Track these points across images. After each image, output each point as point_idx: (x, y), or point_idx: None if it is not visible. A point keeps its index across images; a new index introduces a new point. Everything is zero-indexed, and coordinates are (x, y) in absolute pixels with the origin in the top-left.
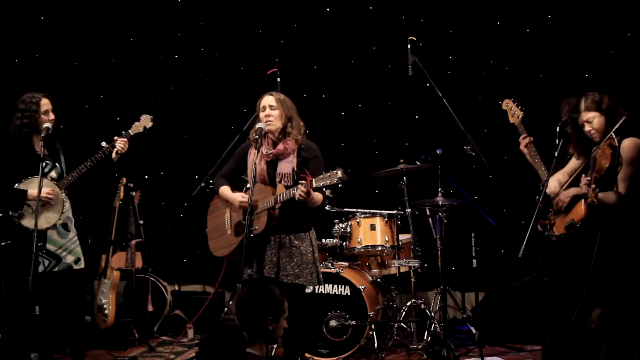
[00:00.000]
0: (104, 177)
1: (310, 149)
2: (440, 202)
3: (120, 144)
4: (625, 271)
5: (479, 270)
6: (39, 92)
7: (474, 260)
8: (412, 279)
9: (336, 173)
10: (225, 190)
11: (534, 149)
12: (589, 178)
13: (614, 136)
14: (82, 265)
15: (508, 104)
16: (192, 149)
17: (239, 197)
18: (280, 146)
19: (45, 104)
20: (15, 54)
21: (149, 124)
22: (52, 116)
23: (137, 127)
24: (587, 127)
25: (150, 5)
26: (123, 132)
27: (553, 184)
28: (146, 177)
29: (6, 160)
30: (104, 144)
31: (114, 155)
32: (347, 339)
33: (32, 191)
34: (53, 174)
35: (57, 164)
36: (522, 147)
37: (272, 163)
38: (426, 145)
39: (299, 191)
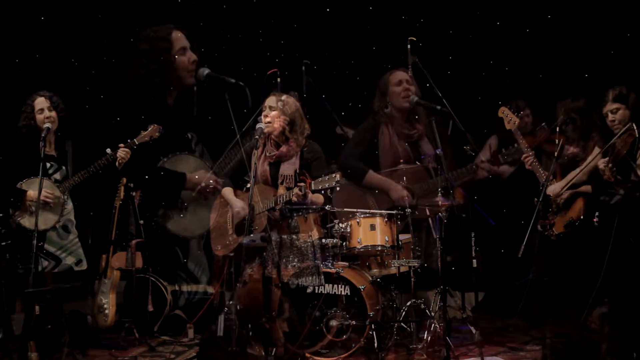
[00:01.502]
0: (106, 178)
1: (313, 151)
2: (440, 202)
3: (122, 153)
4: (625, 271)
5: (479, 270)
6: (41, 91)
7: (474, 260)
8: (412, 279)
9: (335, 176)
10: (227, 191)
11: (535, 160)
12: (607, 159)
13: (634, 127)
14: (84, 266)
15: (504, 112)
16: (191, 149)
17: (238, 206)
18: (284, 148)
19: (39, 102)
20: (15, 54)
21: (156, 135)
22: (47, 114)
23: (142, 137)
24: (610, 117)
25: (151, 5)
26: (129, 140)
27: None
28: (146, 177)
29: (10, 160)
30: (108, 150)
31: (117, 164)
32: (347, 338)
33: (32, 191)
34: (57, 175)
35: (63, 166)
36: (527, 166)
37: (275, 164)
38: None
39: (294, 193)
